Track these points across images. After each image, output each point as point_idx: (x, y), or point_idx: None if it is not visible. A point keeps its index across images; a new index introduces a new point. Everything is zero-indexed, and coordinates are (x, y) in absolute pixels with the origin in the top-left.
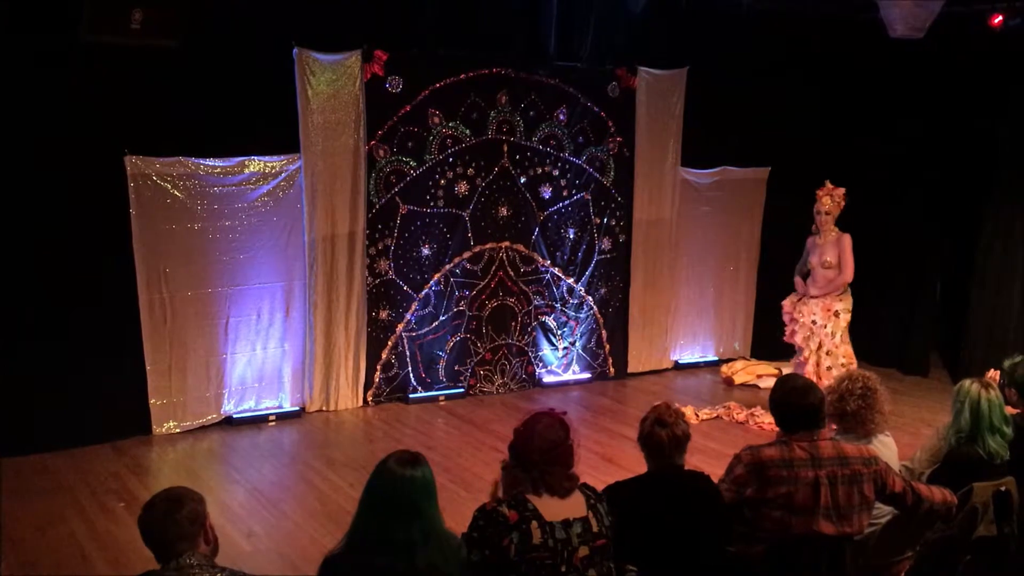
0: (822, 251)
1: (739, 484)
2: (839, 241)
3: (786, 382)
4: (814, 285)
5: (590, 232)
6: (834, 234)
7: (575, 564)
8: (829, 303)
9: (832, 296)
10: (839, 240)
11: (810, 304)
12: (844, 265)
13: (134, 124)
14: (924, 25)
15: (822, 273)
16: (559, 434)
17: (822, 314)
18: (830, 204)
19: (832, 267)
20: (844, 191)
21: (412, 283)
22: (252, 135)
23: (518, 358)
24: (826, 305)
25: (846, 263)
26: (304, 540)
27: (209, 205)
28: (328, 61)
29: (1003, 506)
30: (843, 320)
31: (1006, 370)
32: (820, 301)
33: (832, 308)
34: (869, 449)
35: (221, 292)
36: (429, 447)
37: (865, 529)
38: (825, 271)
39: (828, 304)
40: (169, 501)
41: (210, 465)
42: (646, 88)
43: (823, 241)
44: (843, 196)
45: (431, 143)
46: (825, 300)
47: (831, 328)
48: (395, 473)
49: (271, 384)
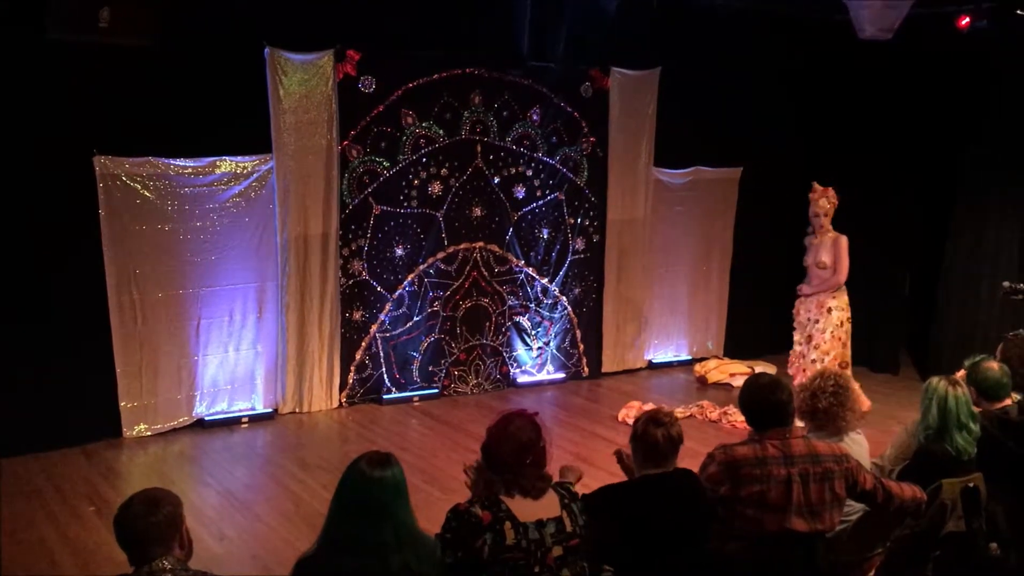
0: (817, 251)
1: (713, 483)
2: (836, 242)
3: (754, 381)
4: (808, 284)
5: (564, 232)
6: (831, 235)
7: (548, 564)
8: (823, 299)
9: (826, 293)
10: (836, 241)
11: (806, 302)
12: (839, 266)
13: (103, 124)
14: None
15: (816, 273)
16: (531, 435)
17: (815, 310)
18: (826, 205)
19: (827, 268)
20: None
21: (386, 284)
22: (223, 135)
23: (492, 358)
24: (820, 301)
25: (841, 264)
26: (277, 543)
27: (180, 206)
28: (300, 61)
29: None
30: (835, 317)
31: (967, 368)
32: (815, 298)
33: (825, 305)
34: (840, 447)
35: (192, 293)
36: (403, 448)
37: (837, 526)
38: (820, 271)
39: (822, 300)
40: (146, 503)
41: (182, 468)
42: (619, 88)
43: (819, 241)
44: (835, 195)
45: (404, 143)
46: (819, 297)
47: (823, 323)
48: (366, 474)
49: (243, 386)
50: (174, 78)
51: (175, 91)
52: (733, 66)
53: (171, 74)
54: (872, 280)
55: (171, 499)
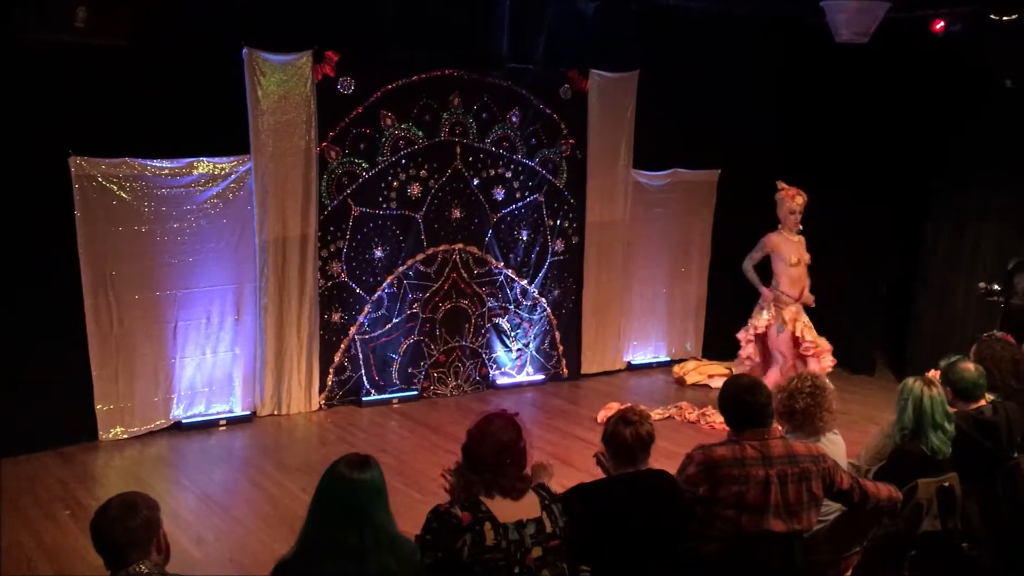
0: (798, 250)
1: (691, 483)
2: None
3: (733, 382)
4: (791, 286)
5: (543, 234)
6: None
7: (528, 565)
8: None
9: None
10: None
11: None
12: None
13: (79, 124)
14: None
15: (798, 272)
16: (511, 436)
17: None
18: (802, 203)
19: (805, 265)
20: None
21: (365, 285)
22: (201, 136)
23: (472, 360)
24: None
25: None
26: (255, 546)
27: (156, 207)
28: (278, 62)
29: (947, 502)
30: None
31: (942, 369)
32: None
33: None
34: (818, 447)
35: (169, 295)
36: (382, 450)
37: (814, 526)
38: (801, 269)
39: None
40: (124, 507)
41: (159, 471)
42: (598, 90)
43: (797, 239)
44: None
45: (383, 145)
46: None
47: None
48: (345, 477)
49: (221, 388)
50: (151, 78)
51: (152, 91)
52: (711, 69)
53: (148, 74)
54: (849, 282)
55: (148, 503)
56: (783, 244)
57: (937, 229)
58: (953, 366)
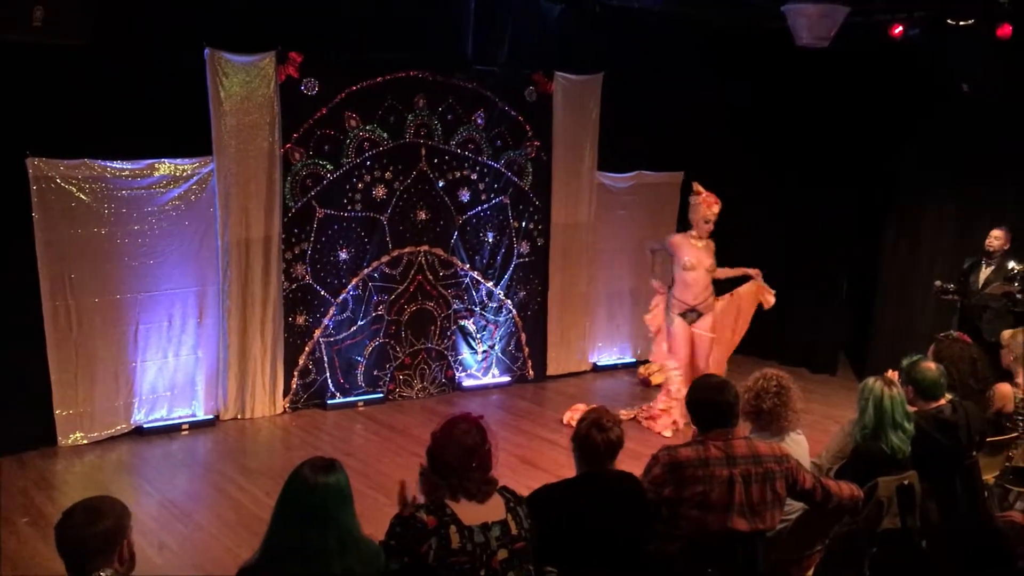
0: (699, 255)
1: (657, 484)
2: (709, 244)
3: (701, 381)
4: (684, 290)
5: (509, 236)
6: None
7: (494, 568)
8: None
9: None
10: (708, 244)
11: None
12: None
13: (37, 125)
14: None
15: (693, 277)
16: (476, 439)
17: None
18: (718, 211)
19: (707, 272)
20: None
21: (330, 288)
22: (162, 137)
23: (438, 362)
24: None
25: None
26: (219, 551)
27: (117, 209)
28: (241, 62)
29: (906, 499)
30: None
31: (903, 368)
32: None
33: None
34: (781, 447)
35: (130, 298)
36: (348, 453)
37: (777, 525)
38: (698, 275)
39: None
40: (88, 513)
41: (120, 477)
42: (563, 93)
43: (702, 245)
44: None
45: (348, 146)
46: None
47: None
48: (309, 480)
49: (184, 392)
50: (111, 78)
51: (112, 92)
52: (675, 72)
53: (107, 74)
54: (810, 283)
55: (115, 510)
56: (683, 246)
57: (896, 230)
58: (915, 365)
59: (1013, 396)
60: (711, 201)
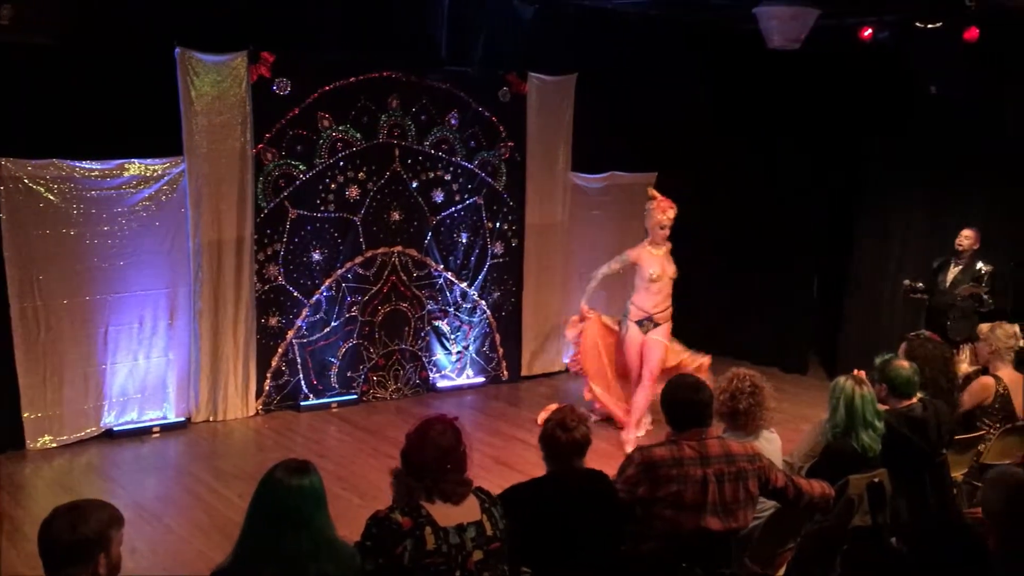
0: (661, 263)
1: (631, 484)
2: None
3: (677, 381)
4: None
5: (483, 236)
6: (667, 245)
7: (469, 568)
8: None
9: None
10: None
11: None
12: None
13: (4, 124)
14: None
15: (658, 287)
16: (451, 440)
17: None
18: (673, 216)
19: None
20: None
21: (303, 289)
22: (132, 137)
23: (411, 363)
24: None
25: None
26: (191, 555)
27: (86, 209)
28: (212, 62)
29: (876, 497)
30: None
31: (877, 367)
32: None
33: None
34: (753, 446)
35: (100, 300)
36: (322, 455)
37: (750, 524)
38: (662, 284)
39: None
40: (70, 517)
41: (89, 480)
42: (536, 93)
43: (661, 252)
44: None
45: (321, 147)
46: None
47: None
48: (282, 483)
49: (155, 395)
50: (80, 77)
51: (81, 91)
52: (648, 73)
53: (77, 73)
54: (781, 283)
55: (98, 519)
56: (645, 257)
57: (865, 229)
58: (888, 364)
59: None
60: (665, 206)
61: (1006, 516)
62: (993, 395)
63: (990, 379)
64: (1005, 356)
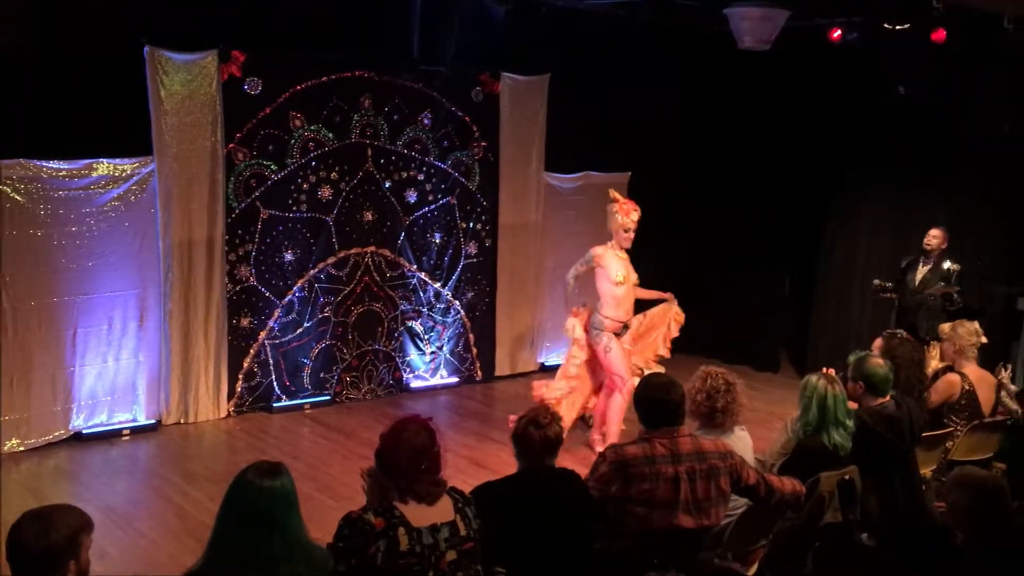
0: (626, 267)
1: (603, 482)
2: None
3: (649, 380)
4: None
5: (456, 237)
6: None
7: (443, 569)
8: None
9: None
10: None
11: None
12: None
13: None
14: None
15: (625, 292)
16: (425, 441)
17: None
18: (638, 219)
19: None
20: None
21: (275, 290)
22: (100, 136)
23: (385, 364)
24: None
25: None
26: (162, 559)
27: (54, 210)
28: (182, 61)
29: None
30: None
31: (852, 364)
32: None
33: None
34: (725, 444)
35: (68, 301)
36: (295, 456)
37: (722, 521)
38: (628, 289)
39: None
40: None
41: (57, 484)
42: (509, 93)
43: (624, 256)
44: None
45: (293, 146)
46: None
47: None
48: (254, 485)
49: (124, 397)
50: (47, 76)
51: (48, 90)
52: (620, 73)
53: (44, 72)
54: (753, 282)
55: (67, 525)
56: (609, 258)
57: (835, 229)
58: (864, 362)
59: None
60: (629, 208)
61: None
62: (959, 392)
63: (955, 376)
64: (969, 353)
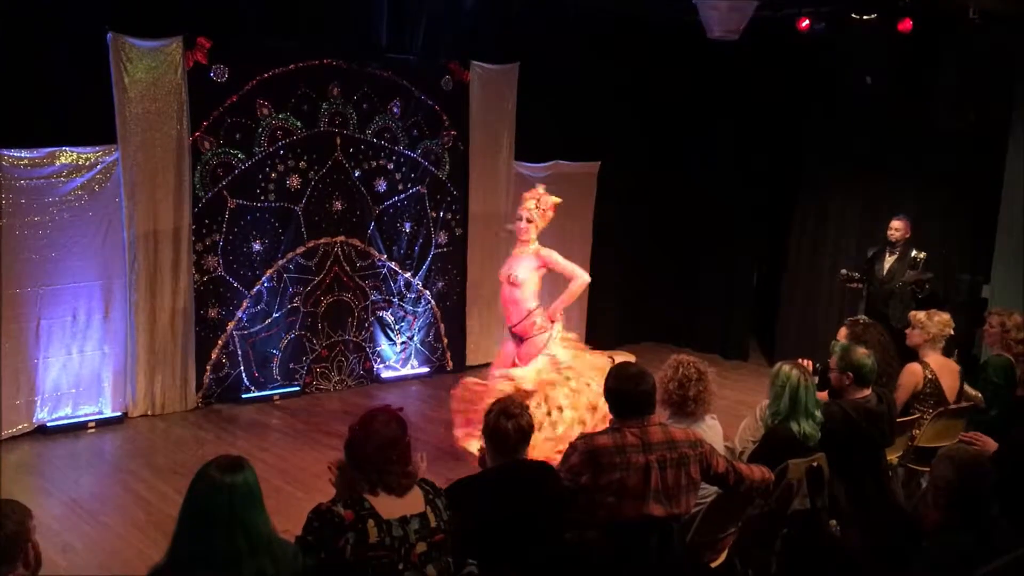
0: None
1: (574, 473)
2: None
3: (620, 370)
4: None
5: (426, 226)
6: (534, 246)
7: (413, 561)
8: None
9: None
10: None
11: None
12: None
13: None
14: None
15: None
16: (396, 431)
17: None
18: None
19: (517, 285)
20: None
21: (243, 280)
22: (63, 125)
23: (355, 354)
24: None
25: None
26: (129, 553)
27: (15, 199)
28: (146, 47)
29: (815, 481)
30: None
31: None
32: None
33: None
34: (695, 432)
35: (31, 292)
36: (264, 448)
37: (692, 510)
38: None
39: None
40: None
41: (21, 478)
42: (479, 82)
43: (517, 252)
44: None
45: (260, 135)
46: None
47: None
48: (215, 480)
49: (90, 389)
50: (8, 63)
51: (9, 77)
52: (590, 62)
53: (5, 58)
54: (722, 271)
55: (16, 514)
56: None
57: (802, 218)
58: (851, 353)
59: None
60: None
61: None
62: (922, 380)
63: (916, 366)
64: (937, 343)
